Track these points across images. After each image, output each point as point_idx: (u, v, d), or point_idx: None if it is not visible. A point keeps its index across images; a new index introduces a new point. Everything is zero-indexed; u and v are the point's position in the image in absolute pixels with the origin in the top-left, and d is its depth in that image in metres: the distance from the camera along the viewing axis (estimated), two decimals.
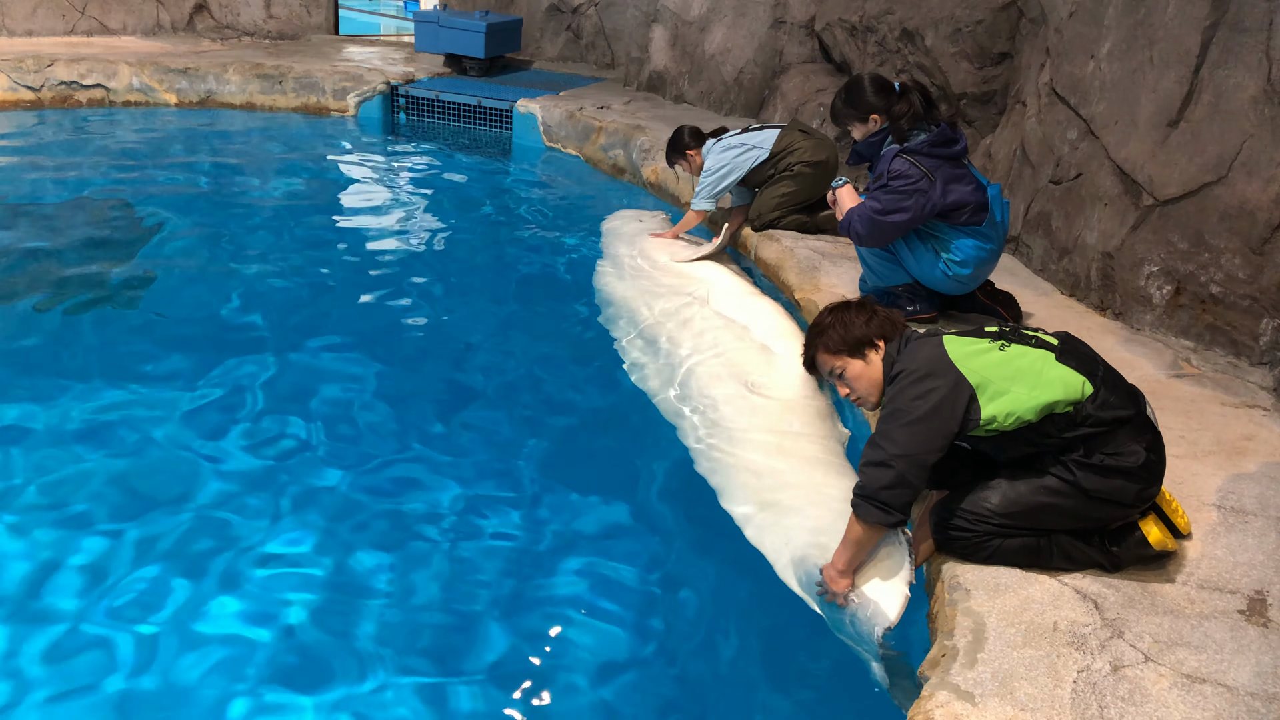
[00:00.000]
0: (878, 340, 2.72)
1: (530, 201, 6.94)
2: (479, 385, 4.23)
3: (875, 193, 3.86)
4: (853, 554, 2.56)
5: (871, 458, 2.46)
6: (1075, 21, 4.58)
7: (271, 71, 8.72)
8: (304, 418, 3.81)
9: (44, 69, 8.25)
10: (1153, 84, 3.97)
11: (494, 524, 3.27)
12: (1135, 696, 2.09)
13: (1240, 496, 2.88)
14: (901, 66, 6.23)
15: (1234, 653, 2.23)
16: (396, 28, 15.36)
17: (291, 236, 5.85)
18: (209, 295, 4.89)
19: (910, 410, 2.44)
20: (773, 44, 7.80)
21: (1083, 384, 2.44)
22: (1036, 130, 4.87)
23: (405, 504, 3.34)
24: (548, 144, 8.25)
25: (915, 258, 3.98)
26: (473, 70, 9.47)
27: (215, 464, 3.48)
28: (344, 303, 4.91)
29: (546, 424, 3.92)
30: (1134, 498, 2.47)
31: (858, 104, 4.10)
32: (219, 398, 3.90)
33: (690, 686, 2.67)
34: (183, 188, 6.58)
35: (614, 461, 3.73)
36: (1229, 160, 3.67)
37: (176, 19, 10.25)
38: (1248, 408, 3.46)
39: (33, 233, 5.56)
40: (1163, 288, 3.98)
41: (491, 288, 5.27)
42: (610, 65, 10.18)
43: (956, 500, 2.57)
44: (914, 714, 2.08)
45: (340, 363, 4.29)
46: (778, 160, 5.28)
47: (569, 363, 4.52)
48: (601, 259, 5.41)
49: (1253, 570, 2.54)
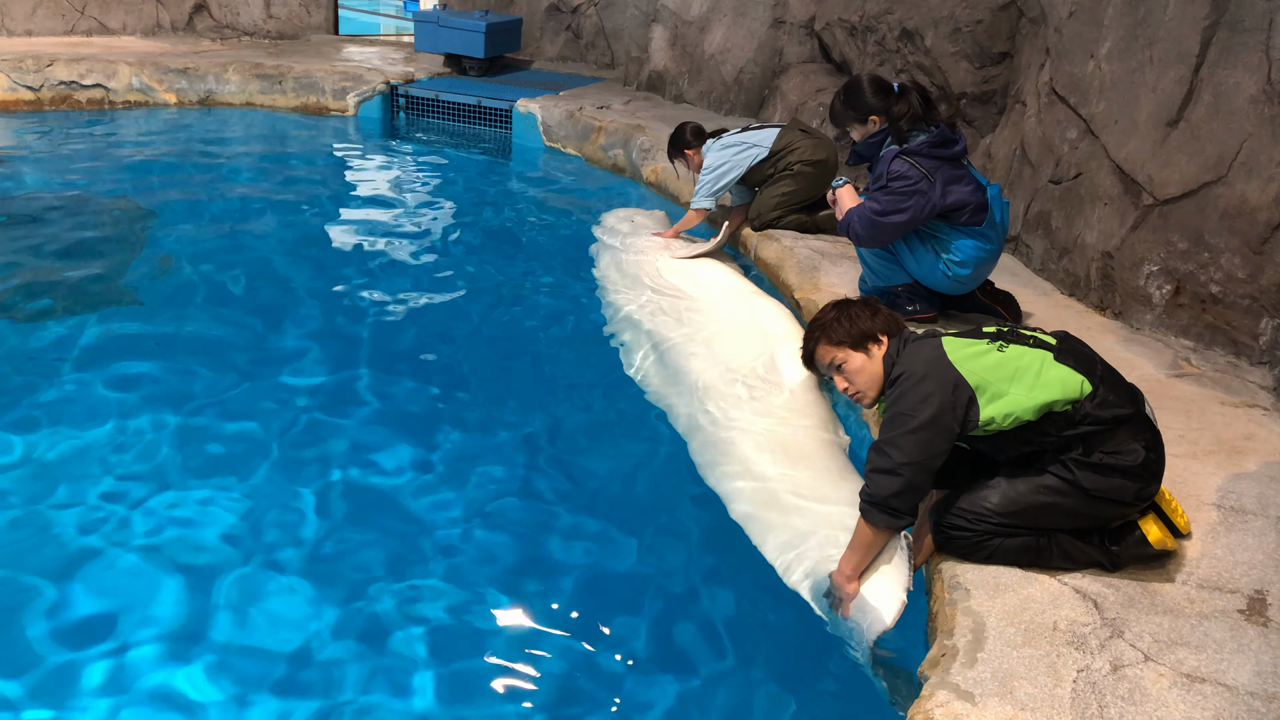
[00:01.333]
0: (881, 335, 2.72)
1: (530, 201, 6.94)
2: (478, 385, 4.23)
3: (875, 193, 3.86)
4: (860, 558, 2.56)
5: (879, 465, 2.47)
6: (1075, 21, 4.58)
7: (271, 71, 8.72)
8: (303, 418, 3.81)
9: (43, 69, 8.25)
10: (1152, 83, 3.97)
11: (493, 524, 3.27)
12: (1135, 696, 2.09)
13: (1240, 496, 2.88)
14: (901, 66, 6.23)
15: (1234, 652, 2.23)
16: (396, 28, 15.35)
17: (291, 236, 5.86)
18: (208, 295, 4.89)
19: (913, 414, 2.44)
20: (772, 44, 7.80)
21: (1081, 383, 2.44)
22: (1036, 130, 4.87)
23: (404, 505, 3.34)
24: (547, 144, 8.25)
25: (915, 258, 3.98)
26: (472, 70, 9.47)
27: (215, 464, 3.48)
28: (343, 302, 4.91)
29: (546, 424, 3.92)
30: (1133, 496, 2.47)
31: (857, 105, 4.10)
32: (219, 398, 3.90)
33: (690, 686, 2.67)
34: (182, 187, 6.58)
35: (614, 462, 3.73)
36: (1229, 160, 3.67)
37: (176, 19, 10.25)
38: (1247, 407, 3.46)
39: (32, 233, 5.56)
40: (1162, 287, 3.99)
41: (491, 287, 5.26)
42: (610, 65, 10.18)
43: (956, 500, 2.57)
44: (914, 713, 2.08)
45: (339, 362, 4.28)
46: (777, 159, 5.28)
47: (568, 363, 4.52)
48: (601, 257, 5.41)
49: (1252, 570, 2.54)
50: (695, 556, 3.20)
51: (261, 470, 3.46)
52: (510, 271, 5.51)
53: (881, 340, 2.71)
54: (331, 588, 2.92)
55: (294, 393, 3.99)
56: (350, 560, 3.05)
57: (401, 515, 3.28)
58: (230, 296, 4.89)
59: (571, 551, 3.18)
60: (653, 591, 3.01)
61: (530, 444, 3.76)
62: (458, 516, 3.30)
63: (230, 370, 4.13)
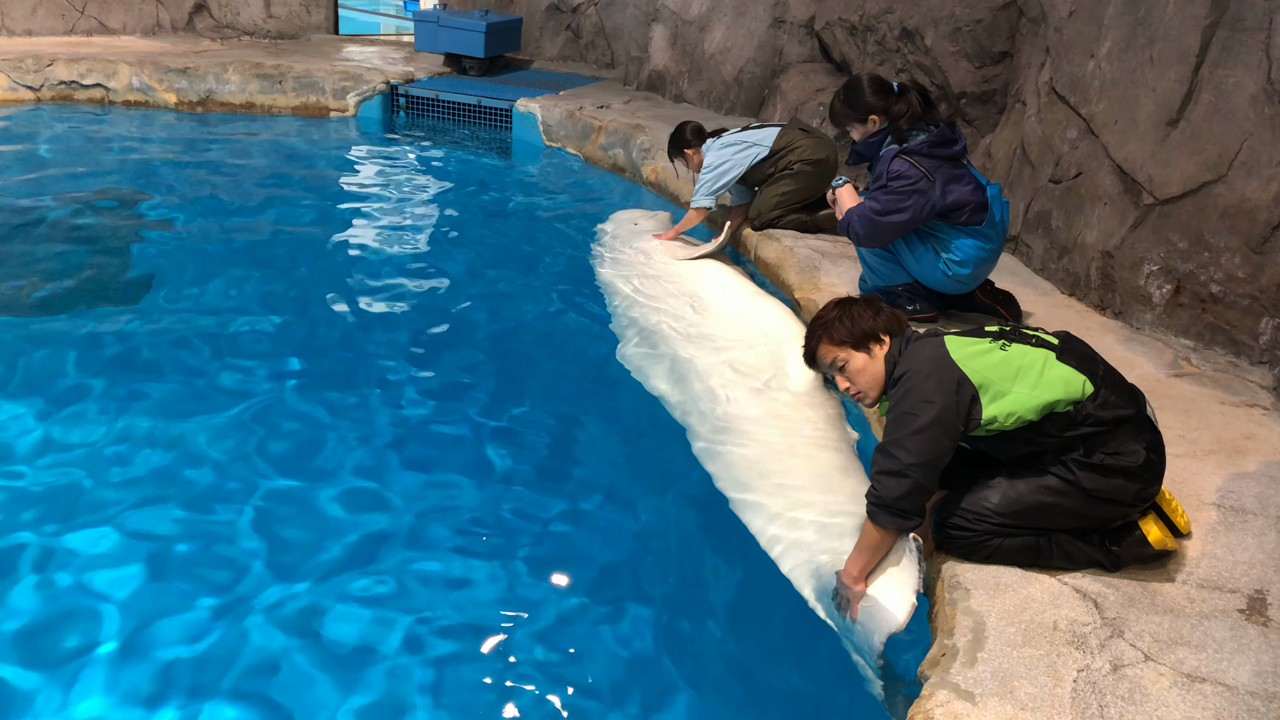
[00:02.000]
0: (883, 335, 2.71)
1: (530, 201, 6.94)
2: (478, 385, 4.23)
3: (874, 193, 3.86)
4: (868, 559, 2.55)
5: (886, 467, 2.46)
6: (1075, 20, 4.58)
7: (271, 71, 8.72)
8: (301, 417, 3.81)
9: (43, 68, 8.25)
10: (1152, 83, 3.97)
11: (491, 526, 3.27)
12: (1135, 696, 2.09)
13: (1240, 496, 2.88)
14: (901, 66, 6.23)
15: (1234, 652, 2.24)
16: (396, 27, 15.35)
17: (291, 237, 5.85)
18: (207, 295, 4.89)
19: (918, 414, 2.44)
20: (772, 43, 7.80)
21: (1083, 383, 2.44)
22: (1036, 129, 4.87)
23: (402, 503, 3.34)
24: (547, 143, 8.24)
25: (915, 257, 3.98)
26: (472, 70, 9.47)
27: (217, 463, 3.48)
28: (342, 303, 4.91)
29: (546, 425, 3.91)
30: (1134, 497, 2.47)
31: (856, 105, 4.10)
32: (217, 398, 3.90)
33: (689, 687, 2.66)
34: (181, 187, 6.57)
35: (616, 462, 3.73)
36: (1229, 159, 3.67)
37: (176, 18, 10.25)
38: (1247, 407, 3.46)
39: (31, 233, 5.56)
40: (1162, 287, 3.99)
41: (491, 287, 5.26)
42: (610, 65, 10.17)
43: (956, 499, 2.57)
44: (914, 713, 2.08)
45: (338, 362, 4.28)
46: (777, 158, 5.28)
47: (568, 364, 4.52)
48: (603, 259, 5.41)
49: (1252, 569, 2.54)
50: (697, 555, 3.20)
51: (261, 470, 3.46)
52: (509, 271, 5.51)
53: (884, 340, 2.70)
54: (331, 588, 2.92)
55: (293, 393, 3.99)
56: (350, 560, 3.05)
57: (396, 517, 3.28)
58: (229, 296, 4.89)
59: (571, 551, 3.18)
60: (651, 591, 3.01)
61: (529, 443, 3.76)
62: (458, 516, 3.29)
63: (229, 371, 4.13)
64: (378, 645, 2.71)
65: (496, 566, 3.06)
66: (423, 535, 3.19)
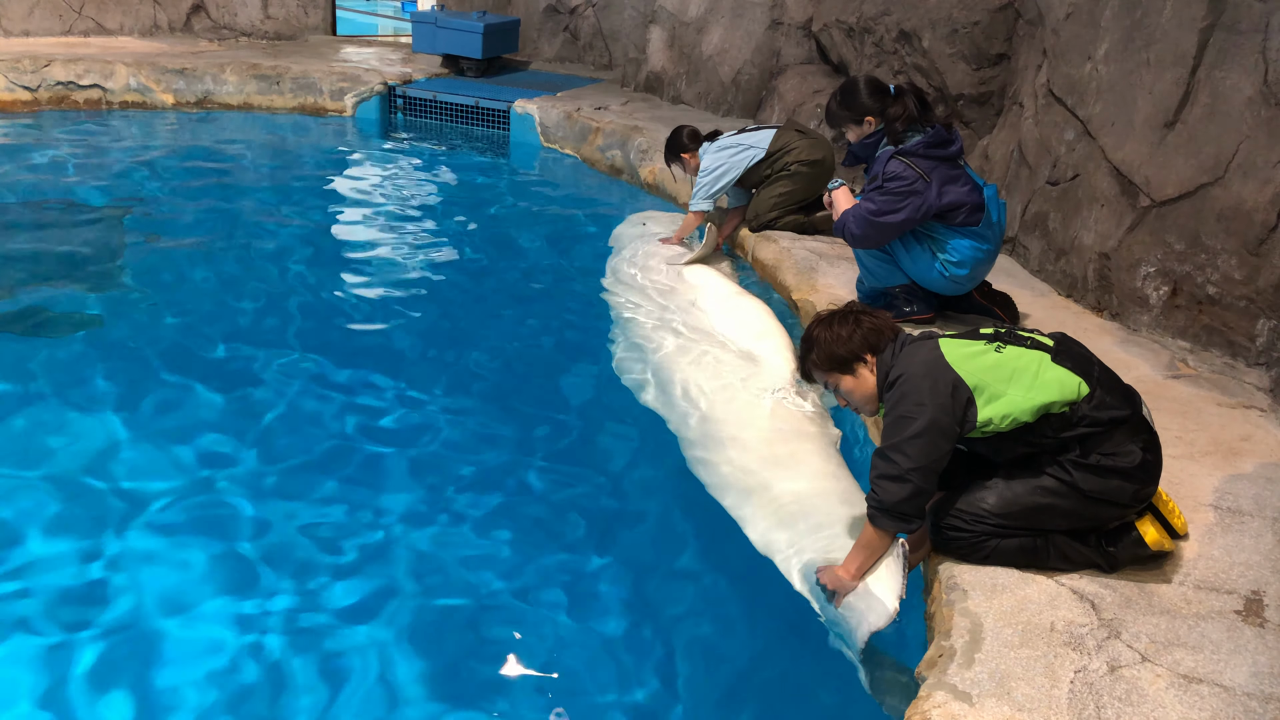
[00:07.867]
0: (865, 355, 2.69)
1: (527, 202, 6.94)
2: (476, 386, 4.23)
3: (870, 194, 3.86)
4: (865, 559, 2.56)
5: (886, 471, 2.46)
6: (1072, 23, 4.59)
7: (269, 72, 8.71)
8: (301, 417, 3.81)
9: (41, 69, 8.23)
10: (1149, 85, 3.98)
11: (489, 527, 3.27)
12: (1132, 696, 2.09)
13: (1237, 497, 2.88)
14: (899, 67, 6.24)
15: (1230, 653, 2.24)
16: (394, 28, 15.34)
17: (289, 237, 5.85)
18: (206, 295, 4.89)
19: (914, 417, 2.44)
20: (770, 45, 7.80)
21: (1079, 385, 2.44)
22: (1033, 131, 4.88)
23: (401, 504, 3.34)
24: (545, 144, 8.25)
25: (912, 258, 3.98)
26: (470, 71, 9.47)
27: (216, 463, 3.48)
28: (341, 303, 4.91)
29: (544, 425, 3.92)
30: (1131, 498, 2.47)
31: (853, 106, 4.11)
32: (217, 399, 3.90)
33: (689, 687, 2.66)
34: (180, 188, 6.57)
35: (611, 462, 3.73)
36: (1226, 161, 3.67)
37: (174, 19, 10.24)
38: (1244, 408, 3.47)
39: (30, 233, 5.56)
40: (1159, 288, 3.99)
41: (489, 288, 5.26)
42: (608, 66, 10.18)
43: (953, 501, 2.58)
44: (911, 714, 2.08)
45: (338, 363, 4.28)
46: (774, 160, 5.28)
47: (567, 364, 4.53)
48: (609, 262, 5.41)
49: (1249, 570, 2.54)
50: (690, 552, 3.20)
51: (259, 471, 3.46)
52: (507, 272, 5.51)
53: (867, 359, 2.69)
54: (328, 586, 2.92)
55: (290, 393, 3.98)
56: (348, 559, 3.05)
57: (400, 514, 3.28)
58: (228, 297, 4.88)
59: (569, 549, 3.17)
60: (648, 590, 3.02)
61: (528, 443, 3.76)
62: (459, 516, 3.30)
63: (227, 371, 4.13)
64: (370, 646, 2.71)
65: (496, 566, 3.06)
66: (419, 538, 3.19)
